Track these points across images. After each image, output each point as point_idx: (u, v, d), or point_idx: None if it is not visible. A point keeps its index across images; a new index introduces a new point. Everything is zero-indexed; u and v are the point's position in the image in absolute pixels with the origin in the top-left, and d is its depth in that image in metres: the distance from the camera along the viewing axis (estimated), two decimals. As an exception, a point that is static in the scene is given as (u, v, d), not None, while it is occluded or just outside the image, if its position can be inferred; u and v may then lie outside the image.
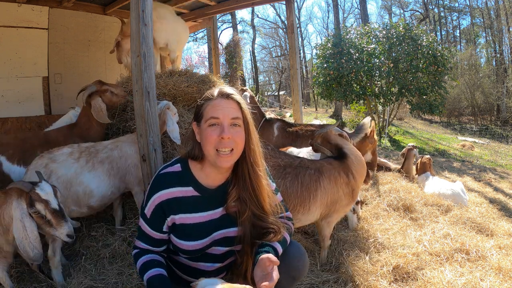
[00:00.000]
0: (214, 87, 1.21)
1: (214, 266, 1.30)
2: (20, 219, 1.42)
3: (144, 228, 1.23)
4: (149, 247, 1.25)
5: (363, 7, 15.13)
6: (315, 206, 1.92)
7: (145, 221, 1.22)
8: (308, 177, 1.92)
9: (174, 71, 3.36)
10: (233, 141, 1.12)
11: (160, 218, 1.20)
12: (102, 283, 1.84)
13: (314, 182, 1.91)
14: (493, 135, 12.01)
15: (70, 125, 2.67)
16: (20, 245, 1.41)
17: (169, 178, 1.20)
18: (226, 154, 1.12)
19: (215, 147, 1.12)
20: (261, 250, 1.14)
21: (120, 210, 2.43)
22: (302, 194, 1.89)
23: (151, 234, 1.22)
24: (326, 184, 1.92)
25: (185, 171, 1.21)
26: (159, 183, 1.20)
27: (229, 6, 4.77)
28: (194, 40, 21.91)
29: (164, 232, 1.23)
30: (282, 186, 1.85)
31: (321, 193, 1.91)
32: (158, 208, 1.18)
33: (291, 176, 1.91)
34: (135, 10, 2.09)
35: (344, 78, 8.19)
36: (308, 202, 1.90)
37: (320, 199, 1.92)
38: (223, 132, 1.11)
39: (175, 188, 1.19)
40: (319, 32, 34.26)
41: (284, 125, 3.59)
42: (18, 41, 4.05)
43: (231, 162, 1.15)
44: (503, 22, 18.38)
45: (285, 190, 1.84)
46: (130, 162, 2.25)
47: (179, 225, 1.20)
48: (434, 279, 1.81)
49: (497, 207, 3.24)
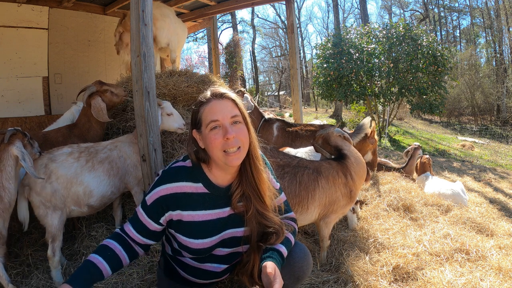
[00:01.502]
0: (205, 91, 1.19)
1: (221, 267, 1.29)
2: (26, 152, 1.82)
3: (139, 214, 1.20)
4: (135, 234, 1.21)
5: (363, 7, 15.14)
6: (314, 206, 1.93)
7: (144, 208, 1.20)
8: (307, 177, 1.92)
9: (174, 71, 3.37)
10: (238, 139, 1.12)
11: (160, 209, 1.18)
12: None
13: (313, 181, 1.91)
14: (493, 135, 12.01)
15: (69, 125, 2.67)
16: (30, 170, 1.76)
17: (181, 172, 1.20)
18: (234, 153, 1.11)
19: (222, 149, 1.11)
20: (265, 257, 1.14)
21: (120, 210, 2.43)
22: (301, 193, 1.89)
23: (145, 222, 1.20)
24: (324, 184, 1.92)
25: (196, 168, 1.21)
26: (169, 175, 1.19)
27: (229, 6, 4.78)
28: (194, 40, 21.90)
29: (160, 224, 1.20)
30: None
31: (319, 193, 1.92)
32: (162, 200, 1.17)
33: (289, 176, 1.91)
34: (135, 10, 2.09)
35: (344, 78, 8.19)
36: (307, 202, 1.90)
37: (319, 199, 1.93)
38: (227, 133, 1.10)
39: (185, 183, 1.18)
40: (319, 32, 34.33)
41: (284, 125, 3.59)
42: (18, 41, 4.06)
43: (240, 159, 1.14)
44: (503, 22, 18.38)
45: (284, 190, 1.85)
46: (129, 162, 2.25)
47: (186, 222, 1.19)
48: (434, 279, 1.81)
49: (497, 207, 3.25)
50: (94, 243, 2.23)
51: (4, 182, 1.77)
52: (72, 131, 2.57)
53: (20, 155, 1.79)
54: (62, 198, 1.99)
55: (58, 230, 1.96)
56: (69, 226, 2.49)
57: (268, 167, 1.31)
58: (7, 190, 1.78)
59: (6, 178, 1.77)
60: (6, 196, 1.78)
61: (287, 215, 1.33)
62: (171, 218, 1.20)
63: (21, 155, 1.79)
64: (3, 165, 1.78)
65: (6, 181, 1.77)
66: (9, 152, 1.79)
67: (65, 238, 2.17)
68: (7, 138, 1.82)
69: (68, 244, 2.34)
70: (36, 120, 4.22)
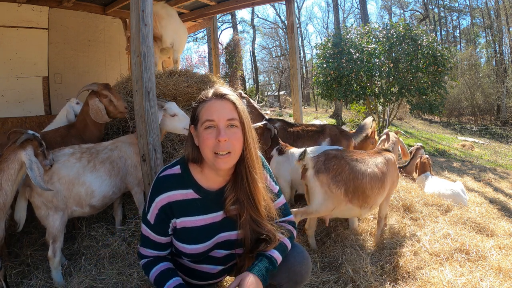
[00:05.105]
0: (209, 88, 1.18)
1: (217, 269, 1.29)
2: (35, 161, 1.78)
3: (148, 234, 1.20)
4: (156, 252, 1.23)
5: (363, 7, 15.14)
6: (387, 188, 2.25)
7: (149, 227, 1.19)
8: (381, 166, 2.22)
9: (174, 71, 3.37)
10: (230, 143, 1.09)
11: (164, 223, 1.18)
12: (102, 283, 1.84)
13: (385, 168, 2.24)
14: (493, 135, 12.00)
15: (67, 126, 2.66)
16: (36, 181, 1.73)
17: (168, 181, 1.18)
18: (223, 156, 1.09)
19: (212, 150, 1.09)
20: (253, 265, 1.13)
21: (120, 210, 2.43)
22: (382, 178, 2.17)
23: (157, 239, 1.20)
24: (392, 171, 2.30)
25: (185, 174, 1.19)
26: (158, 187, 1.18)
27: (229, 6, 4.77)
28: (194, 40, 21.90)
29: (170, 234, 1.21)
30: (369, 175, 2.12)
31: (389, 178, 2.25)
32: (161, 212, 1.17)
33: (371, 168, 2.17)
34: (135, 10, 2.09)
35: (344, 78, 8.19)
36: (385, 184, 2.20)
37: (389, 183, 2.26)
38: (219, 135, 1.08)
39: (175, 191, 1.17)
40: (319, 32, 34.33)
41: (285, 125, 3.59)
42: (18, 41, 4.06)
43: (229, 164, 1.12)
44: (503, 22, 18.38)
45: (369, 177, 2.11)
46: (129, 162, 2.25)
47: (180, 228, 1.19)
48: (434, 279, 1.82)
49: (497, 207, 3.24)
50: (94, 243, 2.23)
51: (3, 182, 1.73)
52: (70, 131, 2.56)
53: (27, 163, 1.74)
54: (64, 199, 1.99)
55: (59, 231, 1.96)
56: (69, 226, 2.48)
57: (267, 170, 1.29)
58: (4, 191, 1.74)
59: (6, 180, 1.74)
60: (1, 197, 1.73)
61: (285, 218, 1.31)
62: (175, 226, 1.20)
63: (29, 163, 1.74)
64: (7, 165, 1.74)
65: (5, 182, 1.73)
66: (17, 156, 1.75)
67: (65, 238, 2.16)
68: (19, 141, 1.77)
69: (68, 244, 2.34)
70: (36, 120, 4.22)
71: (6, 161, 1.74)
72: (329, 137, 3.29)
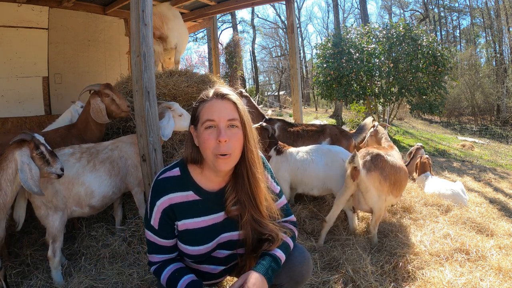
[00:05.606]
0: (209, 88, 1.17)
1: (218, 269, 1.29)
2: (28, 163, 1.71)
3: (154, 240, 1.19)
4: (165, 256, 1.21)
5: (363, 7, 15.15)
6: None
7: (154, 232, 1.18)
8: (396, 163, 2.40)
9: (174, 71, 3.37)
10: (230, 144, 1.08)
11: (168, 225, 1.17)
12: (102, 283, 1.84)
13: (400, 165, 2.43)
14: (493, 135, 12.00)
15: (68, 126, 2.65)
16: (26, 184, 1.67)
17: (168, 183, 1.17)
18: (224, 157, 1.08)
19: (213, 152, 1.09)
20: (257, 264, 1.13)
21: (120, 210, 2.43)
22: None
23: (163, 243, 1.19)
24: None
25: (184, 175, 1.18)
26: (158, 190, 1.17)
27: (229, 6, 4.78)
28: (194, 40, 21.93)
29: (175, 236, 1.20)
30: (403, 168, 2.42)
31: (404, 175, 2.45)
32: (164, 215, 1.16)
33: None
34: (135, 10, 2.09)
35: (344, 78, 8.19)
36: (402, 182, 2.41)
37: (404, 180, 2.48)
38: (220, 135, 1.07)
39: (175, 193, 1.16)
40: (319, 32, 34.34)
41: (285, 125, 3.59)
42: (18, 41, 4.06)
43: (230, 165, 1.12)
44: (503, 22, 18.38)
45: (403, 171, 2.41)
46: (130, 162, 2.25)
47: (182, 231, 1.18)
48: (434, 279, 1.82)
49: (497, 207, 3.24)
50: (94, 243, 2.23)
51: (2, 182, 1.71)
52: (70, 132, 2.55)
53: (19, 164, 1.68)
54: (63, 199, 1.99)
55: (59, 231, 1.96)
56: (69, 226, 2.48)
57: (268, 170, 1.28)
58: (3, 191, 1.71)
59: (5, 180, 1.71)
60: (1, 197, 1.71)
61: (287, 219, 1.31)
62: (177, 228, 1.20)
63: (20, 164, 1.68)
64: (6, 165, 1.72)
65: (4, 182, 1.71)
66: (14, 156, 1.72)
67: (65, 238, 2.17)
68: (12, 141, 1.74)
69: (68, 244, 2.34)
70: (36, 120, 4.22)
71: (5, 160, 1.72)
72: (329, 137, 3.29)
